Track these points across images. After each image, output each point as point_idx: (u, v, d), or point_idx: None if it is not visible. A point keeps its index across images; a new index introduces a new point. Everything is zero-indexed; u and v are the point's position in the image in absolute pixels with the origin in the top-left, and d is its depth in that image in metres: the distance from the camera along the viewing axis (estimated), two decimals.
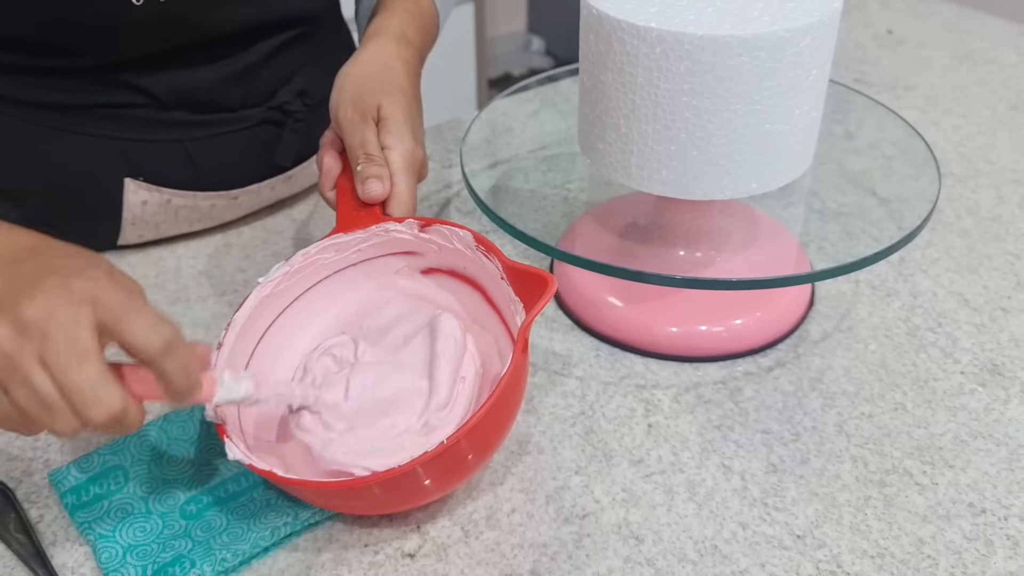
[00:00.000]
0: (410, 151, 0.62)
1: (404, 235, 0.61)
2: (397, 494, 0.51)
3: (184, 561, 0.51)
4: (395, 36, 0.69)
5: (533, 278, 0.53)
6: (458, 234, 0.59)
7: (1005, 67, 1.07)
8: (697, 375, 0.65)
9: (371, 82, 0.64)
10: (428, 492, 0.52)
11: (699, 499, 0.56)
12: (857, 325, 0.69)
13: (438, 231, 0.60)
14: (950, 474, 0.57)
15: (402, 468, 0.47)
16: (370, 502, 0.52)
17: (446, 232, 0.59)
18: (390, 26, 0.70)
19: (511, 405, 0.53)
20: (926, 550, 0.53)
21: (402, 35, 0.70)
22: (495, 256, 0.57)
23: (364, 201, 0.61)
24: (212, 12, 0.69)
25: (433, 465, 0.48)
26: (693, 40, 0.55)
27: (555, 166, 0.87)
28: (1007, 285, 0.73)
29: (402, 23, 0.71)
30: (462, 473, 0.53)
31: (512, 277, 0.55)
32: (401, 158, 0.62)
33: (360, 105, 0.63)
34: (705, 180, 0.60)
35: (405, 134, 0.63)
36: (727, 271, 0.68)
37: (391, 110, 0.63)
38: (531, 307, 0.52)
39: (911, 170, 0.73)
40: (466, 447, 0.50)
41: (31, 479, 0.58)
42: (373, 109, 0.63)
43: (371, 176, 0.61)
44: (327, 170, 0.65)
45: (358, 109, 0.63)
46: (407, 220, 0.60)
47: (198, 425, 0.60)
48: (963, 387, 0.64)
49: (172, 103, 0.72)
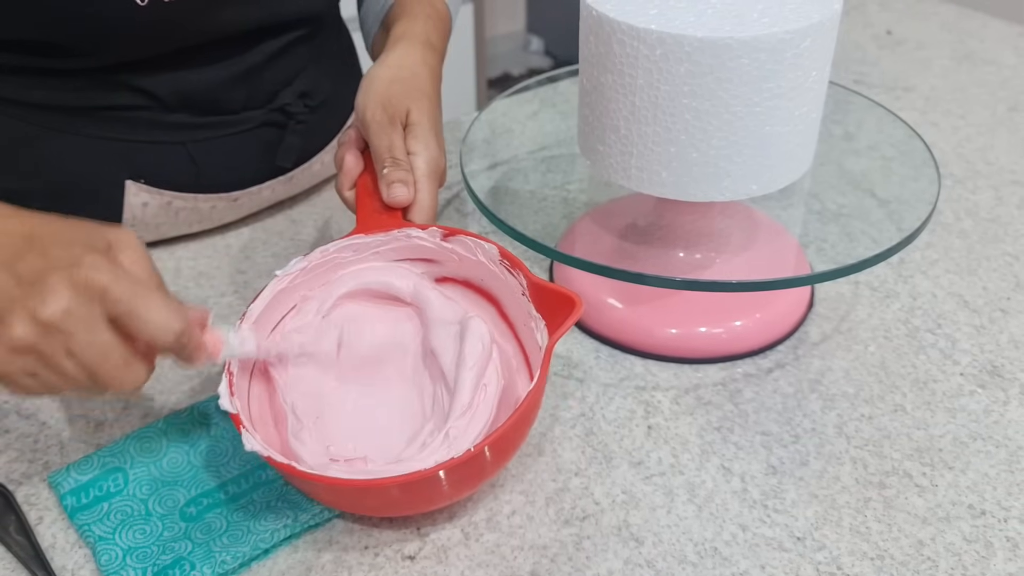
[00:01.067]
0: (435, 159, 0.63)
1: (426, 242, 0.61)
2: (413, 497, 0.51)
3: (184, 563, 0.51)
4: (421, 42, 0.69)
5: (559, 297, 0.54)
6: (483, 247, 0.59)
7: (1004, 68, 1.07)
8: (697, 377, 0.65)
9: (400, 86, 0.65)
10: (441, 497, 0.53)
11: (699, 501, 0.56)
12: (857, 326, 0.69)
13: (462, 242, 0.60)
14: (950, 476, 0.57)
15: (425, 472, 0.47)
16: (383, 503, 0.52)
17: (470, 244, 0.59)
18: (415, 31, 0.70)
19: (532, 418, 0.54)
20: (926, 552, 0.53)
21: (427, 41, 0.70)
22: (520, 272, 0.57)
23: (388, 205, 0.61)
24: (216, 13, 0.69)
25: (456, 471, 0.48)
26: (693, 42, 0.55)
27: (555, 167, 0.87)
28: (1006, 286, 0.73)
29: (426, 28, 0.71)
30: (475, 482, 0.53)
31: (536, 294, 0.56)
32: (426, 164, 0.62)
33: (389, 108, 0.63)
34: (705, 182, 0.60)
35: (431, 141, 0.63)
36: (727, 272, 0.68)
37: (419, 116, 0.63)
38: (557, 325, 0.53)
39: (910, 171, 0.73)
40: (489, 457, 0.50)
41: (31, 481, 0.58)
42: (402, 113, 0.63)
43: (397, 180, 0.61)
44: (348, 169, 0.64)
45: (387, 112, 0.63)
46: (431, 228, 0.61)
47: (198, 427, 0.60)
48: (963, 389, 0.64)
49: (175, 105, 0.72)
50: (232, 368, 0.53)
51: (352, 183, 0.65)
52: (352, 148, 0.65)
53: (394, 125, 0.63)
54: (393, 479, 0.48)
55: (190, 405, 0.62)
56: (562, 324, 0.53)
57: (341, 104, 0.85)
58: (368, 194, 0.63)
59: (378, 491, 0.49)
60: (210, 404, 0.62)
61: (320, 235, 0.81)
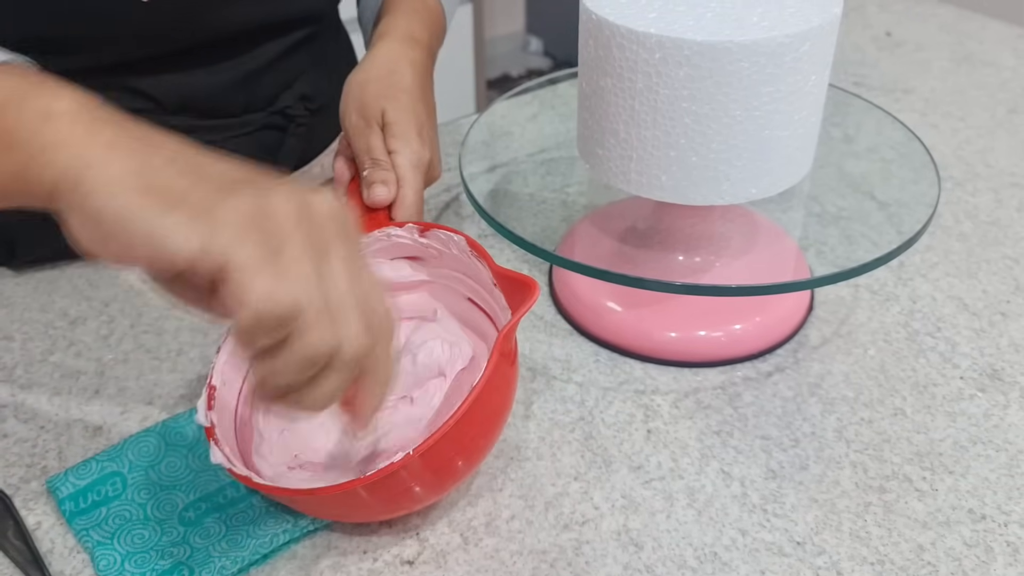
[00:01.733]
0: (416, 154, 0.63)
1: (405, 240, 0.61)
2: (384, 497, 0.49)
3: (183, 568, 0.51)
4: (400, 37, 0.69)
5: (519, 284, 0.53)
6: (453, 238, 0.59)
7: (1004, 70, 1.07)
8: (696, 380, 0.65)
9: (374, 86, 0.65)
10: (418, 497, 0.51)
11: (699, 505, 0.56)
12: (856, 330, 0.69)
13: (435, 235, 0.60)
14: (950, 480, 0.57)
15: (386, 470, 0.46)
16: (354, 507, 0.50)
17: (443, 237, 0.59)
18: (396, 27, 0.70)
19: (492, 408, 0.52)
20: (926, 557, 0.53)
21: (408, 35, 0.70)
22: (485, 262, 0.57)
23: (369, 206, 0.62)
24: (217, 10, 0.68)
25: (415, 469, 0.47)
26: (692, 46, 0.55)
27: (554, 170, 0.87)
28: (1006, 289, 0.73)
29: (408, 23, 0.71)
30: (452, 477, 0.52)
31: (502, 284, 0.55)
32: (407, 161, 0.62)
33: (365, 112, 0.64)
34: (704, 186, 0.60)
35: (411, 137, 0.63)
36: (726, 276, 0.68)
37: (395, 115, 0.64)
38: (516, 308, 0.52)
39: (910, 174, 0.73)
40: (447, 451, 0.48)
41: (28, 486, 0.57)
42: (378, 114, 0.64)
43: (376, 181, 0.61)
44: (338, 176, 0.65)
45: (363, 116, 0.64)
46: (407, 225, 0.60)
47: (196, 431, 0.60)
48: (963, 392, 0.64)
49: (175, 108, 0.72)
50: (215, 381, 0.52)
51: (344, 190, 0.65)
52: (341, 156, 0.66)
53: (371, 127, 0.63)
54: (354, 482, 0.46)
55: (188, 409, 0.61)
56: (519, 308, 0.51)
57: None
58: (356, 198, 0.64)
59: (341, 497, 0.47)
60: None
61: None
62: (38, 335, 0.69)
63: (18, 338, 0.69)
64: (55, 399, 0.64)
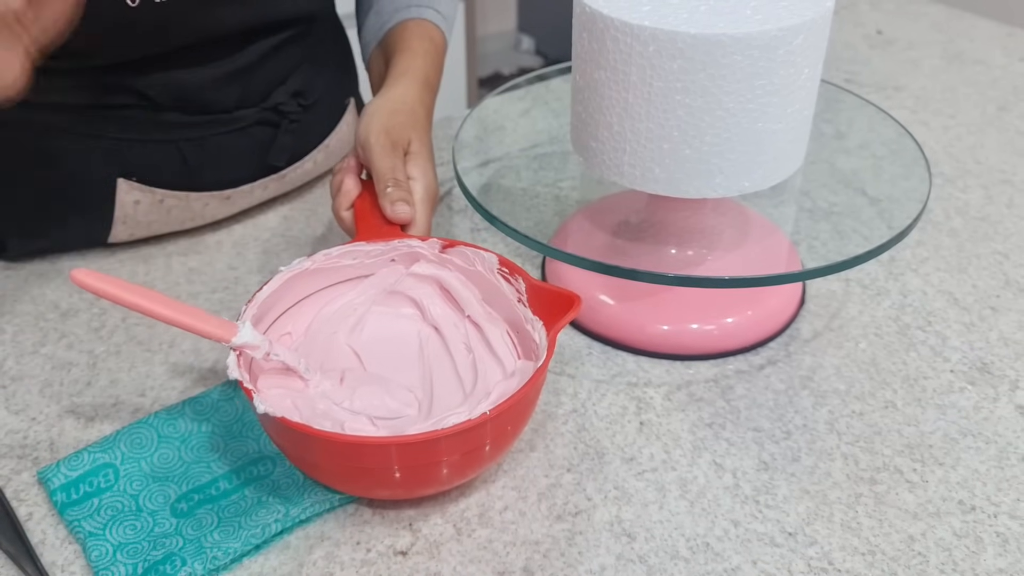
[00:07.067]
0: (431, 185, 0.67)
1: (425, 252, 0.63)
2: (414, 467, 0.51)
3: (175, 559, 0.51)
4: (420, 81, 0.73)
5: (559, 297, 0.56)
6: (482, 256, 0.61)
7: (994, 68, 1.07)
8: (689, 373, 0.65)
9: (402, 117, 0.69)
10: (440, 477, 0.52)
11: (691, 497, 0.56)
12: (848, 324, 0.69)
13: (461, 253, 0.62)
14: (940, 472, 0.57)
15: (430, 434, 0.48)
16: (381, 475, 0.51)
17: (469, 254, 0.62)
18: (416, 69, 0.74)
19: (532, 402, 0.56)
20: (916, 547, 0.53)
21: (426, 80, 0.74)
22: (519, 277, 0.59)
23: (391, 221, 0.64)
24: (208, 13, 0.69)
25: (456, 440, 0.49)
26: (686, 38, 0.55)
27: (547, 164, 0.87)
28: (996, 284, 0.73)
29: (425, 66, 0.75)
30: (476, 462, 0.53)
31: (535, 297, 0.58)
32: (424, 190, 0.66)
33: (392, 135, 0.67)
34: (697, 178, 0.60)
35: (429, 170, 0.67)
36: (719, 269, 0.68)
37: (419, 147, 0.68)
38: (556, 320, 0.55)
39: (901, 170, 0.73)
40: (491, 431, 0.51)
41: (20, 477, 0.57)
42: (404, 141, 0.67)
43: (400, 199, 0.64)
44: (346, 191, 0.67)
45: (391, 137, 0.67)
46: (430, 240, 0.63)
47: (189, 422, 0.60)
48: (953, 385, 0.64)
49: (167, 105, 0.72)
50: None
51: (350, 204, 0.67)
52: (351, 173, 0.68)
53: (396, 150, 0.66)
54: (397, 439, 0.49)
55: (181, 401, 0.61)
56: (561, 318, 0.55)
57: (334, 103, 0.85)
58: (368, 212, 0.66)
59: (379, 449, 0.49)
60: (201, 400, 0.61)
61: (312, 231, 0.81)
62: (29, 327, 0.69)
63: (9, 330, 0.69)
64: (46, 391, 0.63)
